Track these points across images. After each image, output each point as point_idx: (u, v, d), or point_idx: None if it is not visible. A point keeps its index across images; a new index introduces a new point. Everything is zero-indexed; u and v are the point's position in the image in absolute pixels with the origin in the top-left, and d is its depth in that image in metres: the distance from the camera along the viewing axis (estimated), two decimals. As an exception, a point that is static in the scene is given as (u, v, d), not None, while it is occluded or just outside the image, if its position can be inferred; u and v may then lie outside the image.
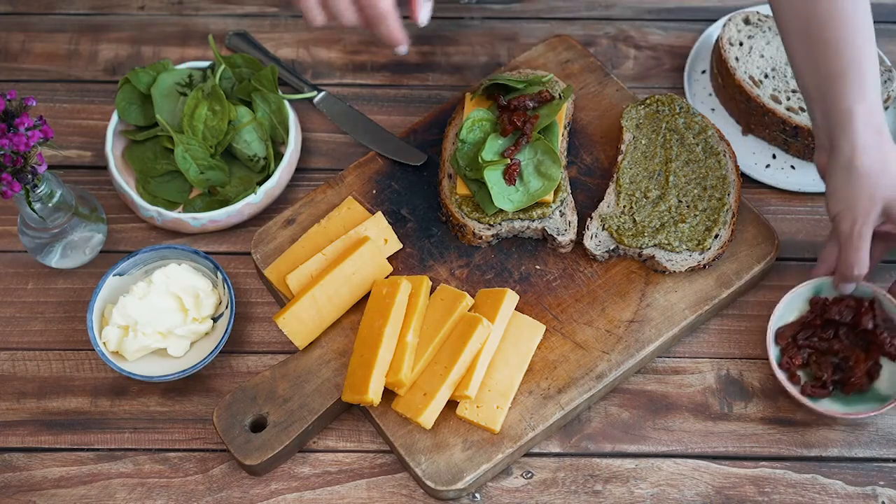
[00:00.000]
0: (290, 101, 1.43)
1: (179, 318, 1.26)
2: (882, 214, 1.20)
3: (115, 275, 1.29)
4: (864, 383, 1.23)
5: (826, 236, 1.36)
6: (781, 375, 1.23)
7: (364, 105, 1.48)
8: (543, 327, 1.26)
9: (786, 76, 1.42)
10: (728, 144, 1.33)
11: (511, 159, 1.28)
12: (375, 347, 1.20)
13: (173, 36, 1.54)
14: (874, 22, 1.52)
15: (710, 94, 1.47)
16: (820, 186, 1.39)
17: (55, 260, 1.34)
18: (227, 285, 1.27)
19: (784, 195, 1.40)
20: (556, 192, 1.30)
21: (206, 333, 1.29)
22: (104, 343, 1.25)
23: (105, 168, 1.42)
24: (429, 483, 1.19)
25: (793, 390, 1.23)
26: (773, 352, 1.25)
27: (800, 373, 1.26)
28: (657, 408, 1.27)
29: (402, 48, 1.20)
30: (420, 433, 1.21)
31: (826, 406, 1.23)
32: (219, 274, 1.29)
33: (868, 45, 1.20)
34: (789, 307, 1.28)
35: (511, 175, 1.28)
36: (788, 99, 1.40)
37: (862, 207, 1.19)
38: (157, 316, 1.26)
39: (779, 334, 1.27)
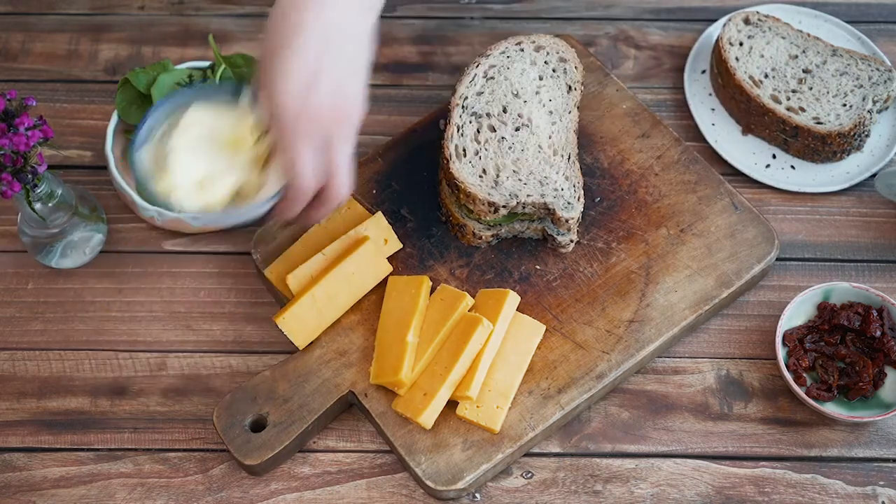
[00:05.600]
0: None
1: (224, 157, 1.18)
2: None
3: (138, 151, 1.19)
4: (868, 390, 1.23)
5: (824, 232, 1.37)
6: (789, 377, 1.23)
7: (364, 105, 1.48)
8: (543, 327, 1.26)
9: (785, 76, 1.42)
10: None
11: None
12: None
13: (173, 36, 1.54)
14: (874, 22, 1.53)
15: (710, 94, 1.47)
16: (820, 186, 1.39)
17: (55, 260, 1.34)
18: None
19: (784, 195, 1.40)
20: None
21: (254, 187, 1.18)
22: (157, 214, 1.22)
23: (105, 168, 1.42)
24: (429, 483, 1.19)
25: (799, 392, 1.23)
26: (780, 353, 1.25)
27: (805, 375, 1.26)
28: (657, 408, 1.27)
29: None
30: (420, 433, 1.21)
31: (829, 409, 1.23)
32: (243, 90, 1.16)
33: None
34: (797, 311, 1.28)
35: None
36: (788, 99, 1.40)
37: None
38: (201, 162, 1.18)
39: (786, 336, 1.27)
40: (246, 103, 1.16)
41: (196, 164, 1.16)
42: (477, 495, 1.22)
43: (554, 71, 1.37)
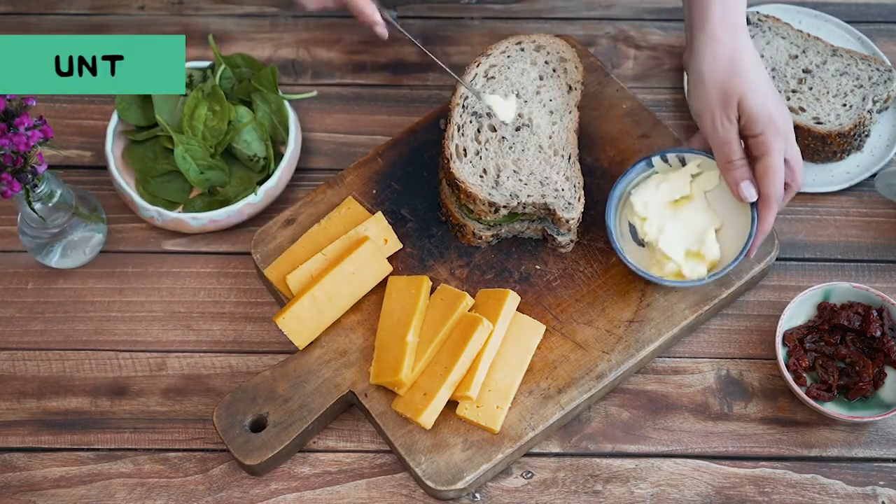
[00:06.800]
0: (290, 101, 1.43)
1: (688, 216, 1.26)
2: (738, 110, 1.21)
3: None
4: (868, 390, 1.23)
5: (824, 232, 1.37)
6: (789, 377, 1.23)
7: (364, 105, 1.48)
8: (543, 327, 1.26)
9: (786, 76, 1.42)
10: None
11: None
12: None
13: (173, 36, 1.54)
14: (874, 22, 1.53)
15: (710, 94, 1.47)
16: (820, 186, 1.39)
17: (55, 260, 1.34)
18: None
19: (784, 195, 1.40)
20: None
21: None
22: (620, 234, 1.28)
23: (105, 168, 1.42)
24: (429, 483, 1.19)
25: (799, 392, 1.23)
26: (780, 353, 1.25)
27: (805, 375, 1.26)
28: (657, 408, 1.27)
29: (380, 28, 1.30)
30: (420, 433, 1.21)
31: (829, 409, 1.23)
32: (652, 161, 1.27)
33: None
34: (797, 311, 1.28)
35: None
36: (788, 99, 1.40)
37: (717, 102, 1.21)
38: (680, 232, 1.25)
39: (786, 336, 1.27)
40: (663, 164, 1.28)
41: (677, 237, 1.24)
42: (477, 495, 1.22)
43: (554, 71, 1.37)
